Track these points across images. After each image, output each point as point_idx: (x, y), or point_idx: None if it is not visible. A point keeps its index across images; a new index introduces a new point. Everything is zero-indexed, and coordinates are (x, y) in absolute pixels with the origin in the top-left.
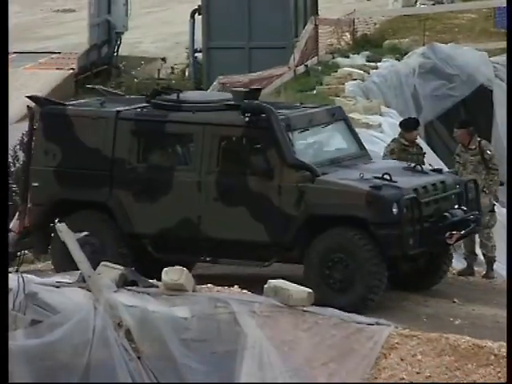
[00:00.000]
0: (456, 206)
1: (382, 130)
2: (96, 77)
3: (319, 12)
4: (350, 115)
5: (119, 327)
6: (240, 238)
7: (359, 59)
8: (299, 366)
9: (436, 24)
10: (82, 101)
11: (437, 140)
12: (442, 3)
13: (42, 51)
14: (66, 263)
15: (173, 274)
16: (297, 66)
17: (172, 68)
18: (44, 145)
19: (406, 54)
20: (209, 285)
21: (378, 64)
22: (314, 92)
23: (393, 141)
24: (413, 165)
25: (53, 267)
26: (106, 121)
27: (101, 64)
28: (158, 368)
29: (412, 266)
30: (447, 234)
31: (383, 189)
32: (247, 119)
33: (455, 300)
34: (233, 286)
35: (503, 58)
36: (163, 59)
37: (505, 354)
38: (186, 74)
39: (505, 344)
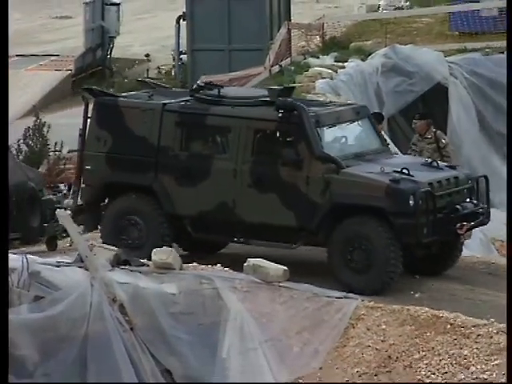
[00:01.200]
0: (467, 200)
1: None
2: (91, 77)
3: (292, 17)
4: None
5: (113, 302)
6: (270, 222)
7: (328, 60)
8: (276, 336)
9: (396, 28)
10: (133, 93)
11: (398, 132)
12: (402, 9)
13: (42, 54)
14: (113, 240)
15: (161, 254)
16: (272, 66)
17: (158, 68)
18: (96, 132)
19: (369, 54)
20: (194, 263)
21: (345, 64)
22: None
23: None
24: (430, 160)
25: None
26: (153, 112)
27: (95, 65)
28: (148, 339)
29: (426, 253)
30: (458, 225)
31: (401, 182)
32: (280, 115)
33: (416, 276)
34: (216, 264)
35: (458, 58)
36: (147, 55)
37: (460, 323)
38: (172, 73)
39: (460, 314)
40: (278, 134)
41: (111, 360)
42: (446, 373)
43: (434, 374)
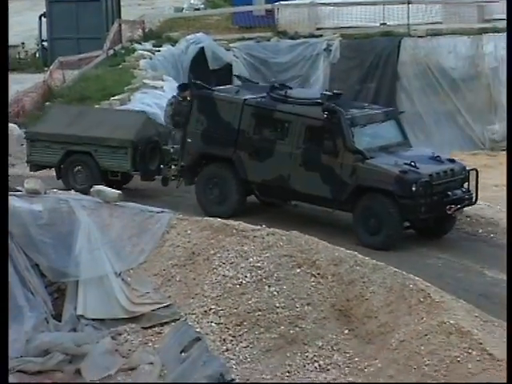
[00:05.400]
0: (460, 187)
1: (164, 90)
2: None
3: (121, 15)
4: (144, 81)
5: None
6: (313, 193)
7: (148, 46)
8: (114, 239)
9: (196, 23)
10: (225, 87)
11: None
12: (199, 9)
13: None
14: (203, 195)
15: (31, 183)
16: (108, 50)
17: (26, 52)
18: (196, 115)
19: (176, 41)
20: (54, 189)
21: (160, 48)
22: (120, 66)
23: (173, 97)
24: (436, 155)
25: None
26: (237, 105)
27: None
28: (22, 242)
29: (425, 225)
30: (447, 207)
31: (408, 173)
32: (325, 115)
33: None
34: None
35: (238, 44)
36: (22, 43)
37: (242, 228)
38: (37, 55)
39: (242, 222)
40: (322, 130)
41: None
42: (232, 263)
43: (224, 263)
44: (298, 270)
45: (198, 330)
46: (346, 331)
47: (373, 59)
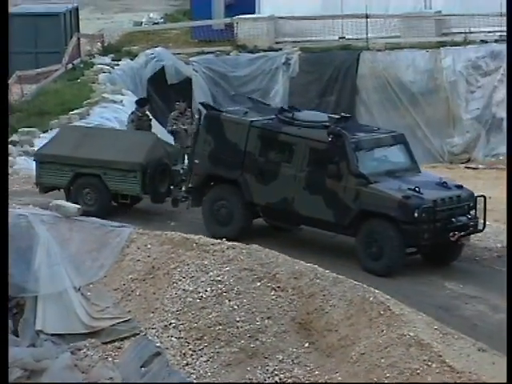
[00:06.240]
0: (467, 214)
1: (123, 104)
2: None
3: (80, 29)
4: (103, 95)
5: None
6: (316, 216)
7: (107, 59)
8: (73, 254)
9: (155, 37)
10: (233, 109)
11: (158, 111)
12: (158, 24)
13: None
14: (209, 217)
15: None
16: (67, 64)
17: None
18: (204, 136)
19: (136, 55)
20: (13, 204)
21: (120, 62)
22: (79, 80)
23: (132, 113)
24: (443, 181)
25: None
26: (243, 126)
27: None
28: None
29: (435, 252)
30: (451, 233)
31: (411, 198)
32: (330, 139)
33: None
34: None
35: (197, 58)
36: None
37: (202, 242)
38: None
39: (202, 236)
40: (326, 153)
41: None
42: (193, 277)
43: (184, 277)
44: (259, 284)
45: (158, 344)
46: (307, 344)
47: (332, 72)
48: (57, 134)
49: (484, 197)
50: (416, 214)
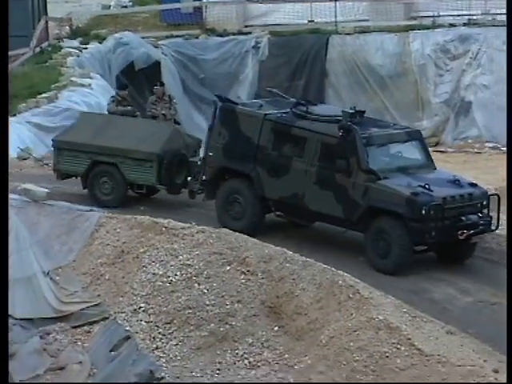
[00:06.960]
0: (480, 212)
1: (92, 88)
2: None
3: (48, 12)
4: (72, 79)
5: None
6: (326, 212)
7: (75, 43)
8: (42, 238)
9: (123, 20)
10: (249, 101)
11: (137, 97)
12: (127, 7)
13: None
14: (222, 211)
15: None
16: (35, 48)
17: None
18: (219, 128)
19: (104, 39)
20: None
21: (88, 46)
22: (47, 64)
23: (112, 96)
24: (456, 178)
25: None
26: (257, 119)
27: None
28: None
29: (446, 250)
30: (460, 232)
31: (420, 195)
32: (340, 133)
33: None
34: None
35: (166, 42)
36: None
37: (171, 226)
38: None
39: (172, 220)
40: (337, 148)
41: None
42: (162, 261)
43: (153, 261)
44: (228, 268)
45: (127, 328)
46: (276, 328)
47: (301, 56)
48: (75, 121)
49: (498, 195)
50: (424, 212)
